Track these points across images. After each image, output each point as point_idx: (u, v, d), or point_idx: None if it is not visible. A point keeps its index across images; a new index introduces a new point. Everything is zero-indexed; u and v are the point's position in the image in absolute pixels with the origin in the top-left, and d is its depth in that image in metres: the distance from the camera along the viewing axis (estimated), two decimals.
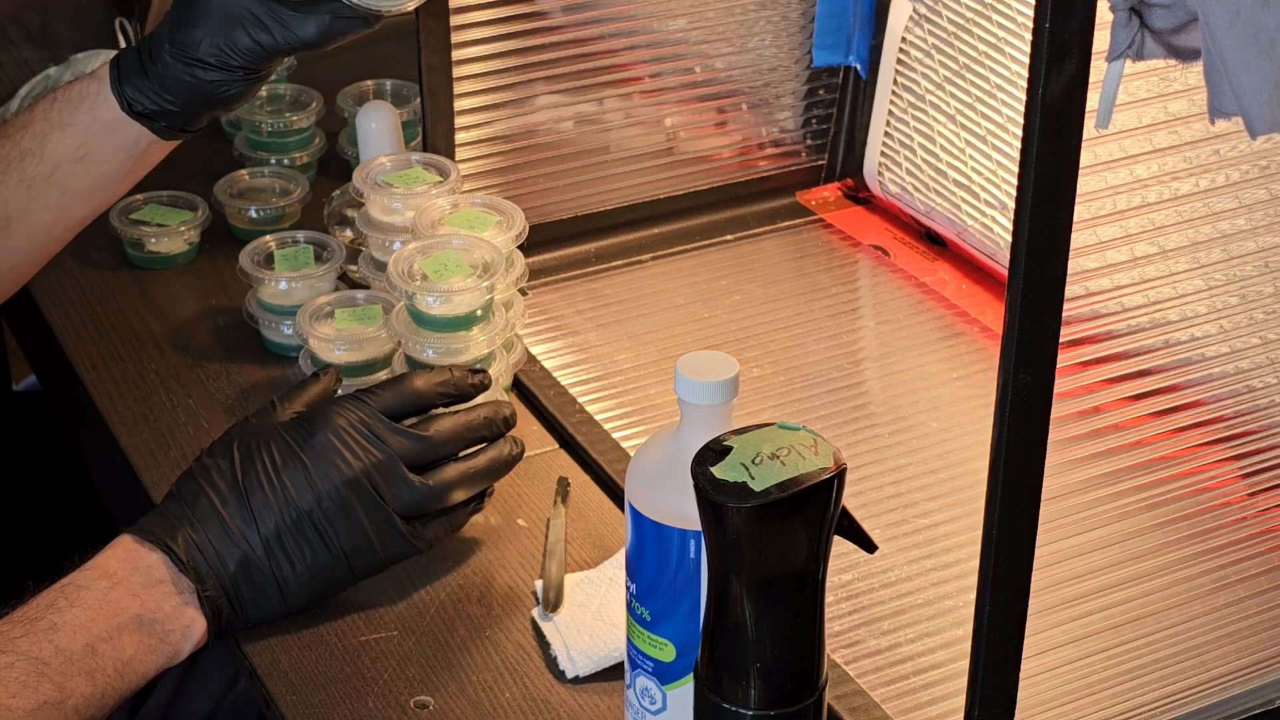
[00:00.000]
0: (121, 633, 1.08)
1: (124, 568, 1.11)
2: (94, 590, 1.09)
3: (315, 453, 1.15)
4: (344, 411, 1.17)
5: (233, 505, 1.13)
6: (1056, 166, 0.82)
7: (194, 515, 1.13)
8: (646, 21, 1.57)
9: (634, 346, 1.49)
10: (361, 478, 1.15)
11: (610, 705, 1.14)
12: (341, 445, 1.15)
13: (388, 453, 1.16)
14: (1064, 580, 1.05)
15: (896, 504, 1.31)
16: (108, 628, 1.08)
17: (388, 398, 1.19)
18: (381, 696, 1.15)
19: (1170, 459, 1.06)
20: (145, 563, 1.11)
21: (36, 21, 2.05)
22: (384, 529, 1.16)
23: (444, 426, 1.19)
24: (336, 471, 1.15)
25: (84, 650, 1.06)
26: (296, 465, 1.14)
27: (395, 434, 1.17)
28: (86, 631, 1.07)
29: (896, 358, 1.49)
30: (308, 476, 1.14)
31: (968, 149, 1.52)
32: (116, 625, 1.08)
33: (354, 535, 1.15)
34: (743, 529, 0.91)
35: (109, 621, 1.08)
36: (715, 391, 1.00)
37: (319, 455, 1.15)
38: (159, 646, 1.11)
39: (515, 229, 1.37)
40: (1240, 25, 0.81)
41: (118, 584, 1.10)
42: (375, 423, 1.17)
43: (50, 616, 1.07)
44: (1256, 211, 1.03)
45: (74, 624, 1.07)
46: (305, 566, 1.15)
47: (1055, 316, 0.86)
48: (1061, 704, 1.07)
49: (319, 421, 1.16)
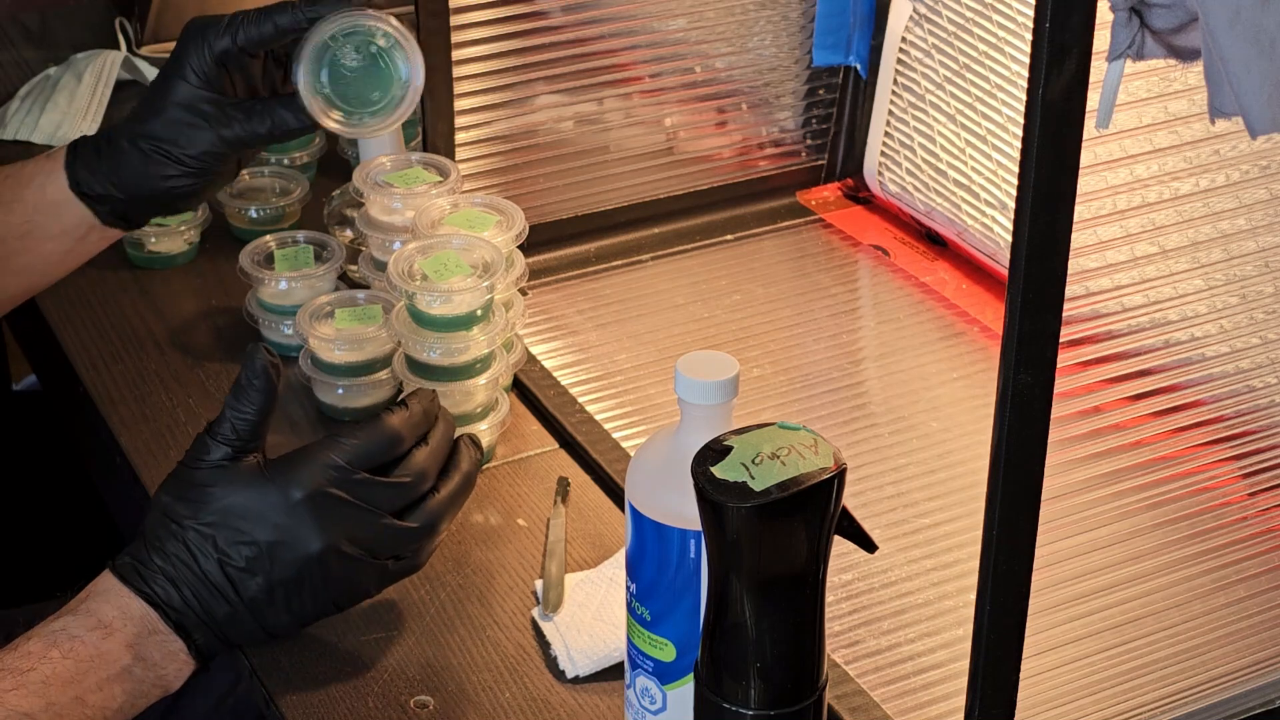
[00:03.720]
0: (112, 683, 1.08)
1: (118, 618, 1.09)
2: (87, 641, 1.07)
3: (292, 520, 1.10)
4: (321, 471, 1.11)
5: (211, 566, 1.10)
6: (1056, 166, 0.82)
7: (176, 568, 1.10)
8: (646, 21, 1.57)
9: (634, 346, 1.49)
10: (343, 543, 1.11)
11: (610, 705, 1.14)
12: (322, 514, 1.10)
13: (371, 513, 1.12)
14: (1064, 580, 1.05)
15: (896, 504, 1.31)
16: (98, 679, 1.07)
17: (364, 448, 1.13)
18: (381, 696, 1.15)
19: (1170, 459, 1.06)
20: (137, 613, 1.09)
21: (36, 21, 2.05)
22: (374, 577, 1.14)
23: (420, 466, 1.14)
24: (318, 540, 1.10)
25: (73, 703, 1.06)
26: (273, 534, 1.10)
27: (377, 489, 1.12)
28: (77, 684, 1.06)
29: (896, 358, 1.49)
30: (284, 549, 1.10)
31: (968, 149, 1.52)
32: (107, 676, 1.07)
33: (343, 589, 1.13)
34: (743, 529, 0.91)
35: (100, 673, 1.07)
36: (715, 391, 1.00)
37: (296, 524, 1.10)
38: (149, 691, 1.10)
39: (515, 229, 1.37)
40: (1240, 25, 0.81)
41: (111, 634, 1.08)
42: (355, 484, 1.11)
43: (42, 668, 1.06)
44: (1256, 211, 1.04)
45: (65, 676, 1.06)
46: (293, 617, 1.12)
47: (1055, 316, 0.86)
48: (1061, 704, 1.07)
49: (295, 484, 1.10)
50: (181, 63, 1.26)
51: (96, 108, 1.84)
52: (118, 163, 1.29)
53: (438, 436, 1.17)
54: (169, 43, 1.98)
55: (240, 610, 1.10)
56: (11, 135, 1.82)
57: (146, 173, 1.28)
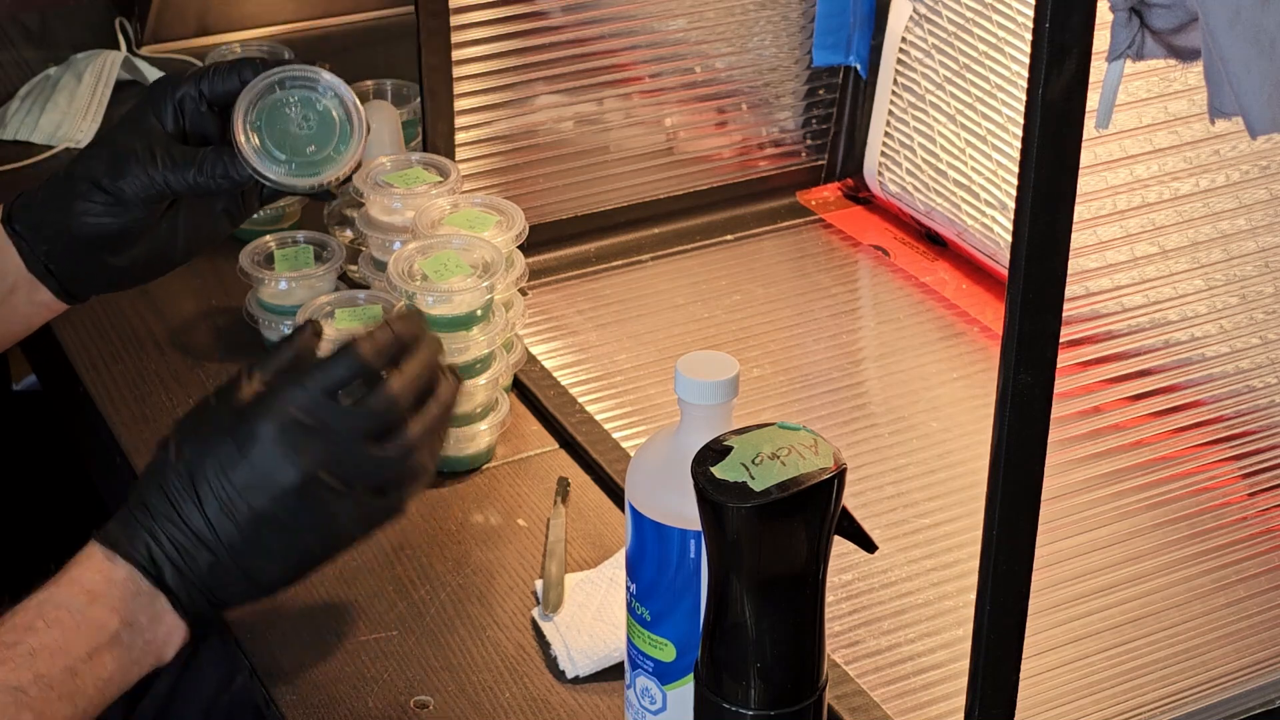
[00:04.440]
0: (101, 652, 1.06)
1: (100, 582, 1.08)
2: (72, 609, 1.06)
3: (263, 454, 1.07)
4: (286, 401, 1.08)
5: (191, 511, 1.08)
6: (1056, 166, 0.82)
7: (157, 522, 1.08)
8: (646, 21, 1.57)
9: (634, 346, 1.49)
10: (317, 473, 1.08)
11: (610, 705, 1.14)
12: (290, 443, 1.08)
13: (342, 439, 1.08)
14: (1064, 580, 1.05)
15: (896, 504, 1.31)
16: (87, 648, 1.06)
17: (332, 376, 1.10)
18: (381, 696, 1.15)
19: (1170, 459, 1.06)
20: (120, 576, 1.08)
21: (36, 21, 2.05)
22: (352, 512, 1.10)
23: (394, 391, 1.10)
24: (287, 473, 1.07)
25: (63, 673, 1.05)
26: (244, 470, 1.07)
27: (345, 416, 1.09)
28: (65, 654, 1.05)
29: (896, 358, 1.49)
30: (259, 481, 1.07)
31: (968, 149, 1.52)
32: (96, 645, 1.06)
33: (322, 527, 1.09)
34: (743, 529, 0.91)
35: (88, 641, 1.06)
36: (715, 391, 1.00)
37: (267, 457, 1.07)
38: (140, 659, 1.08)
39: (515, 229, 1.37)
40: (1240, 25, 0.81)
41: (95, 600, 1.07)
42: (322, 410, 1.08)
43: (28, 640, 1.05)
44: (1256, 211, 1.04)
45: (52, 647, 1.05)
46: (276, 564, 1.10)
47: (1055, 316, 0.86)
48: (1061, 704, 1.07)
49: (262, 415, 1.08)
50: (143, 105, 1.23)
51: (96, 108, 1.84)
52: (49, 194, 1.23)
53: (414, 363, 1.12)
54: (169, 42, 1.99)
55: (223, 558, 1.08)
56: (11, 135, 1.82)
57: (71, 207, 1.21)
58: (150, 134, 1.20)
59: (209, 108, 1.22)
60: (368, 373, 1.11)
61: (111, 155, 1.20)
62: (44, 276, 1.24)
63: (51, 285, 1.24)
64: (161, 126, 1.21)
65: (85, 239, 1.22)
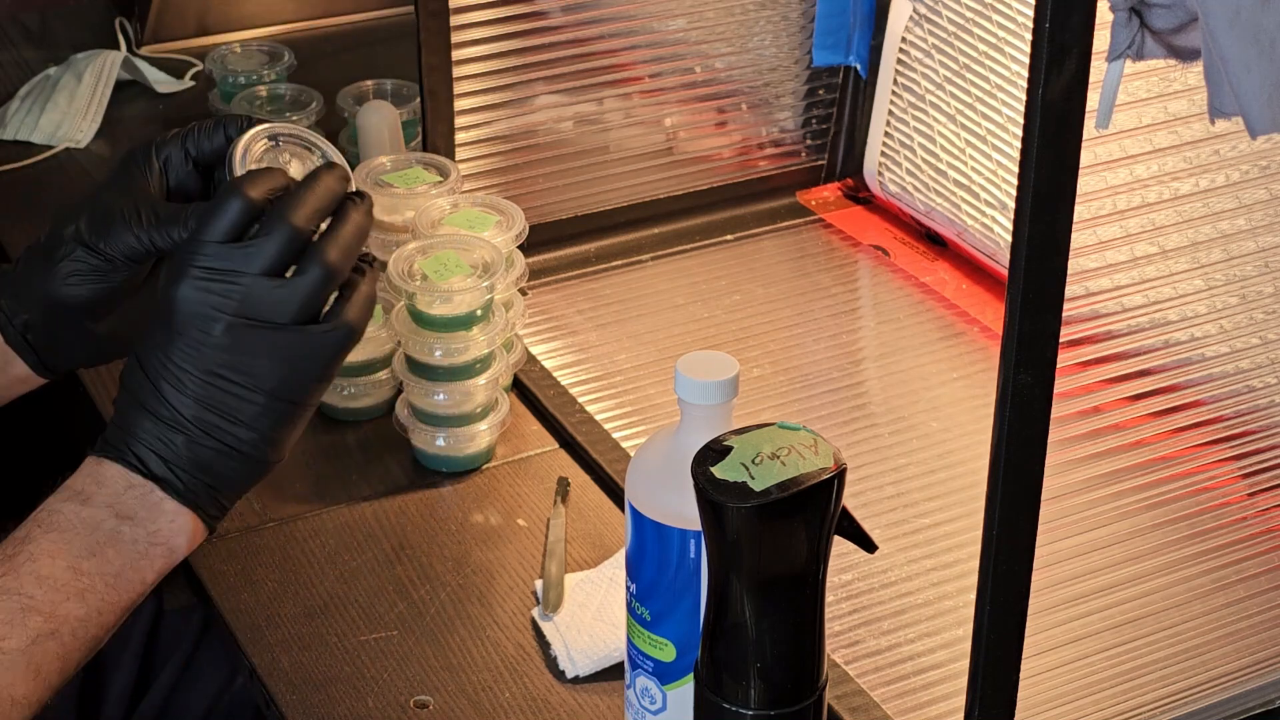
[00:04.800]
0: (104, 547, 1.06)
1: (90, 483, 1.08)
2: (65, 512, 1.06)
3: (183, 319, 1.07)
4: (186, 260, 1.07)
5: (152, 400, 1.08)
6: (1056, 166, 0.82)
7: (130, 416, 1.08)
8: (646, 21, 1.57)
9: (634, 346, 1.49)
10: (236, 319, 1.06)
11: (610, 705, 1.14)
12: (200, 298, 1.06)
13: (246, 280, 1.07)
14: (1064, 580, 1.05)
15: (896, 504, 1.31)
16: (87, 544, 1.05)
17: (222, 218, 1.08)
18: (381, 696, 1.15)
19: (1170, 459, 1.06)
20: (108, 474, 1.08)
21: (36, 21, 2.05)
22: (295, 346, 1.08)
23: (287, 216, 1.08)
24: (208, 327, 1.06)
25: (67, 572, 1.04)
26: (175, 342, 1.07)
27: (243, 254, 1.07)
28: (65, 553, 1.05)
29: (896, 358, 1.49)
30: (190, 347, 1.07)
31: (968, 149, 1.52)
32: (96, 541, 1.06)
33: (270, 369, 1.08)
34: (743, 529, 0.91)
35: (87, 538, 1.06)
36: (715, 391, 1.00)
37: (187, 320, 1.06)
38: (149, 551, 1.07)
39: (515, 229, 1.37)
40: (1240, 25, 0.81)
41: (88, 500, 1.07)
42: (219, 256, 1.07)
43: (27, 548, 1.05)
44: (1256, 211, 1.04)
45: (51, 550, 1.05)
46: (245, 423, 1.08)
47: (1055, 316, 0.86)
48: (1061, 704, 1.07)
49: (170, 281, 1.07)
50: (125, 165, 1.18)
51: (96, 108, 1.84)
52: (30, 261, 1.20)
53: (308, 189, 1.09)
54: (169, 42, 1.99)
55: (194, 434, 1.07)
56: (11, 135, 1.82)
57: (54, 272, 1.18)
58: (135, 194, 1.16)
59: (194, 166, 1.18)
60: (255, 208, 1.08)
61: (95, 216, 1.16)
62: (21, 349, 1.21)
63: (29, 358, 1.21)
64: (146, 186, 1.17)
65: (67, 304, 1.18)
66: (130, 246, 1.15)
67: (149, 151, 1.18)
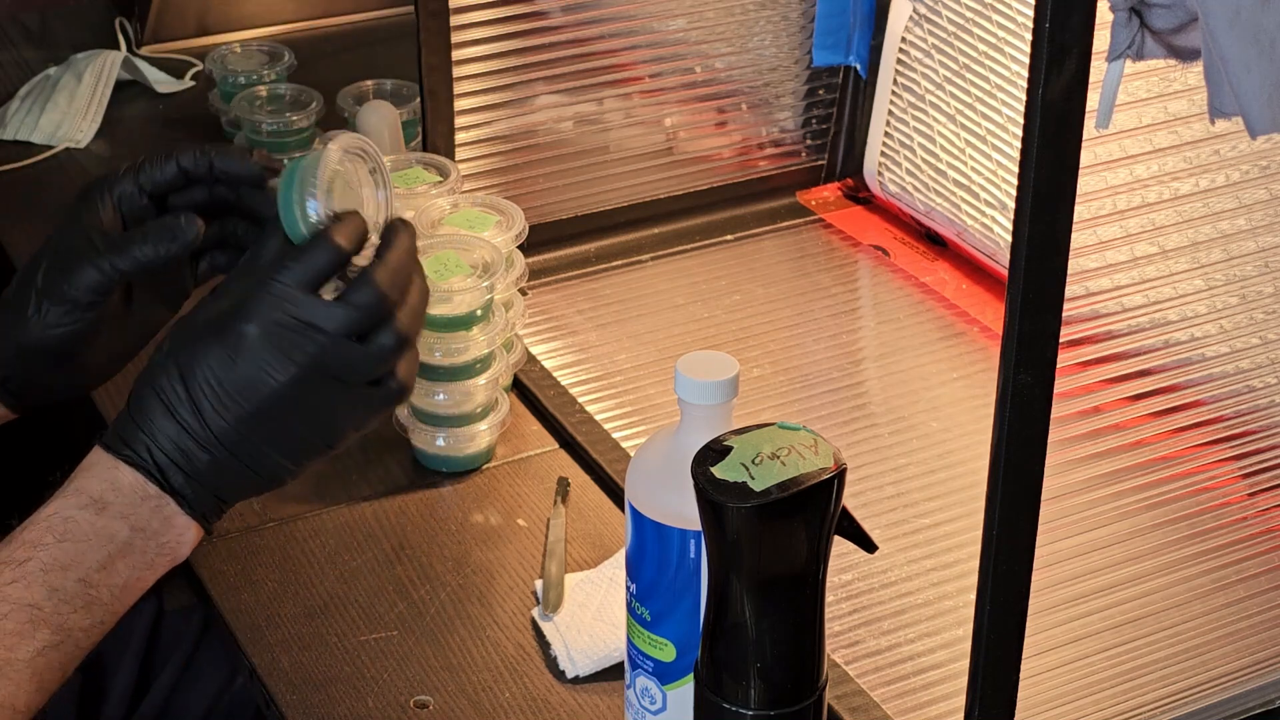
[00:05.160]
0: (114, 559, 1.06)
1: (108, 489, 1.07)
2: (80, 520, 1.06)
3: (252, 357, 1.06)
4: (270, 302, 1.06)
5: (187, 412, 1.07)
6: (1056, 166, 0.82)
7: (156, 424, 1.07)
8: (646, 21, 1.57)
9: (634, 346, 1.49)
10: (309, 372, 1.06)
11: (610, 705, 1.14)
12: (278, 344, 1.06)
13: (330, 338, 1.06)
14: (1064, 580, 1.05)
15: (896, 504, 1.31)
16: (99, 557, 1.05)
17: (311, 270, 1.07)
18: (381, 696, 1.15)
19: (1170, 459, 1.06)
20: (126, 482, 1.07)
21: (36, 21, 2.05)
22: (354, 402, 1.09)
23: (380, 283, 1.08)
24: (278, 374, 1.06)
25: (77, 585, 1.04)
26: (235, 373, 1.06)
27: (332, 314, 1.06)
28: (79, 565, 1.05)
29: (896, 358, 1.49)
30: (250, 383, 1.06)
31: (968, 149, 1.52)
32: (108, 553, 1.06)
33: (318, 420, 1.08)
34: (743, 529, 0.91)
35: (100, 550, 1.05)
36: (715, 391, 1.00)
37: (256, 359, 1.06)
38: (155, 561, 1.08)
39: (515, 229, 1.37)
40: (1240, 25, 0.81)
41: (104, 509, 1.06)
42: (307, 309, 1.06)
43: (39, 555, 1.04)
44: (1256, 211, 1.04)
45: (65, 560, 1.05)
46: (276, 455, 1.08)
47: (1055, 316, 0.86)
48: (1061, 704, 1.07)
49: (247, 316, 1.06)
50: (78, 206, 1.17)
51: (96, 108, 1.84)
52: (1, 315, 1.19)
53: (396, 250, 1.09)
54: (169, 42, 1.99)
55: (221, 456, 1.07)
56: (11, 135, 1.82)
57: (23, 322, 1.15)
58: (89, 229, 1.15)
59: (149, 200, 1.17)
60: (344, 259, 1.08)
61: (54, 260, 1.16)
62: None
63: (7, 401, 1.21)
64: (99, 222, 1.16)
65: (39, 350, 1.17)
66: (94, 280, 1.14)
67: (101, 189, 1.17)
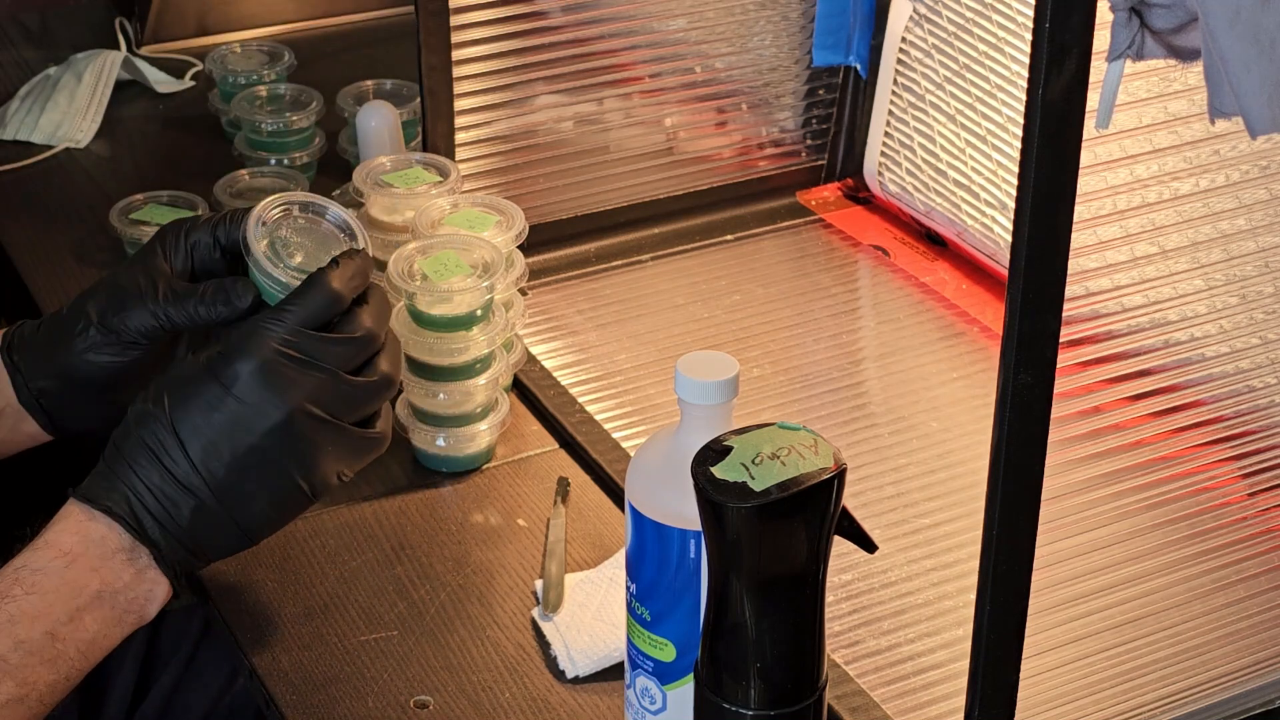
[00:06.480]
0: (82, 614, 1.06)
1: (78, 543, 1.07)
2: (50, 572, 1.06)
3: (248, 390, 1.07)
4: (267, 337, 1.08)
5: (175, 455, 1.07)
6: (1056, 166, 0.82)
7: (137, 472, 1.08)
8: (646, 21, 1.57)
9: (634, 346, 1.49)
10: (305, 405, 1.08)
11: (610, 705, 1.14)
12: (274, 376, 1.07)
13: (325, 372, 1.09)
14: (1064, 580, 1.05)
15: (896, 504, 1.31)
16: (67, 610, 1.05)
17: (310, 310, 1.10)
18: (381, 696, 1.15)
19: (1170, 459, 1.06)
20: (98, 534, 1.07)
21: (36, 21, 2.05)
22: (339, 445, 1.10)
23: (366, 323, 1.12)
24: (274, 408, 1.08)
25: (44, 638, 1.04)
26: (229, 408, 1.07)
27: (327, 346, 1.09)
28: (46, 618, 1.04)
29: (896, 358, 1.49)
30: (245, 418, 1.07)
31: (968, 149, 1.52)
32: (76, 607, 1.05)
33: (307, 462, 1.09)
34: (743, 529, 0.91)
35: (68, 604, 1.05)
36: (715, 391, 1.00)
37: (252, 393, 1.07)
38: (123, 618, 1.08)
39: (515, 229, 1.37)
40: (1240, 25, 0.81)
41: (74, 561, 1.06)
42: (302, 341, 1.09)
43: (6, 607, 1.04)
44: (1256, 211, 1.04)
45: (32, 613, 1.04)
46: (262, 505, 1.09)
47: (1055, 316, 0.86)
48: (1061, 704, 1.07)
49: (243, 353, 1.08)
50: (152, 245, 1.19)
51: (96, 108, 1.84)
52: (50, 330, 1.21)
53: (377, 294, 1.14)
54: (169, 42, 1.99)
55: (208, 502, 1.07)
56: (11, 135, 1.82)
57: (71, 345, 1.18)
58: (155, 272, 1.17)
59: (221, 254, 1.19)
60: (342, 303, 1.11)
61: (114, 292, 1.17)
62: (33, 410, 1.22)
63: (40, 419, 1.22)
64: (169, 266, 1.18)
65: (83, 378, 1.19)
66: (146, 323, 1.17)
67: (178, 233, 1.19)
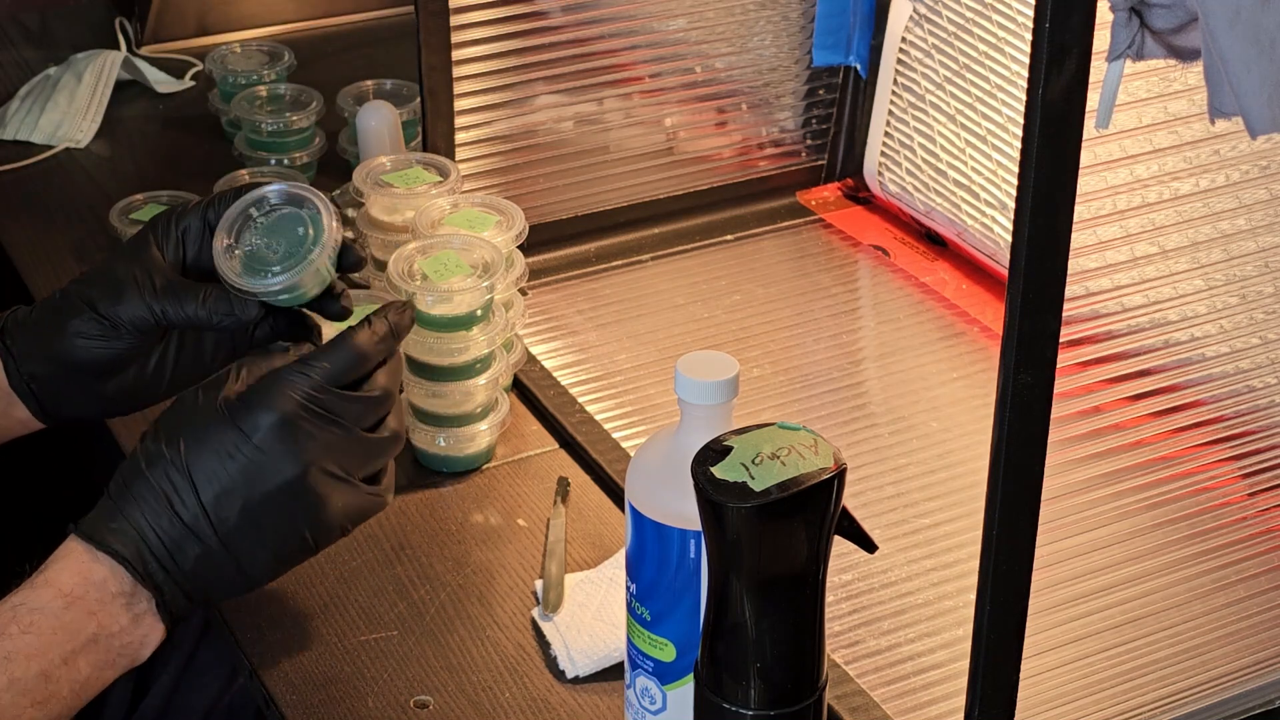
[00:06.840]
0: (77, 656, 1.05)
1: (79, 584, 1.06)
2: (48, 612, 1.05)
3: (269, 441, 1.08)
4: (293, 391, 1.09)
5: (187, 500, 1.07)
6: (1056, 166, 0.82)
7: (145, 514, 1.07)
8: (646, 21, 1.57)
9: (634, 346, 1.49)
10: (324, 460, 1.09)
11: (610, 705, 1.14)
12: (296, 430, 1.08)
13: (345, 429, 1.10)
14: (1064, 580, 1.05)
15: (896, 504, 1.31)
16: (63, 652, 1.05)
17: (338, 369, 1.10)
18: (381, 696, 1.15)
19: (1170, 459, 1.06)
20: (99, 576, 1.07)
21: (36, 21, 2.05)
22: (348, 501, 1.11)
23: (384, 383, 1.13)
24: (293, 461, 1.08)
25: (38, 678, 1.04)
26: (248, 457, 1.08)
27: (349, 404, 1.10)
28: (41, 658, 1.04)
29: (896, 358, 1.49)
30: (263, 469, 1.08)
31: (968, 149, 1.52)
32: (71, 649, 1.05)
33: (317, 515, 1.10)
34: (743, 529, 0.91)
35: (64, 645, 1.05)
36: (715, 391, 1.00)
37: (273, 444, 1.08)
38: (116, 660, 1.08)
39: (515, 229, 1.37)
40: (1240, 25, 0.81)
41: (73, 603, 1.06)
42: (327, 399, 1.09)
43: (2, 644, 1.04)
44: (1256, 211, 1.04)
45: (28, 652, 1.04)
46: (267, 555, 1.10)
47: (1055, 316, 0.86)
48: (1061, 704, 1.07)
49: (267, 404, 1.08)
50: (144, 234, 1.19)
51: (96, 108, 1.84)
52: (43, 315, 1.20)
53: (396, 357, 1.15)
54: (169, 42, 1.99)
55: (214, 548, 1.07)
56: (11, 135, 1.82)
57: (64, 330, 1.18)
58: (151, 263, 1.17)
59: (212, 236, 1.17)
60: (370, 363, 1.12)
61: (110, 282, 1.17)
62: (24, 396, 1.21)
63: (31, 405, 1.22)
64: (162, 256, 1.18)
65: (75, 364, 1.18)
66: (140, 316, 1.16)
67: (169, 222, 1.19)
